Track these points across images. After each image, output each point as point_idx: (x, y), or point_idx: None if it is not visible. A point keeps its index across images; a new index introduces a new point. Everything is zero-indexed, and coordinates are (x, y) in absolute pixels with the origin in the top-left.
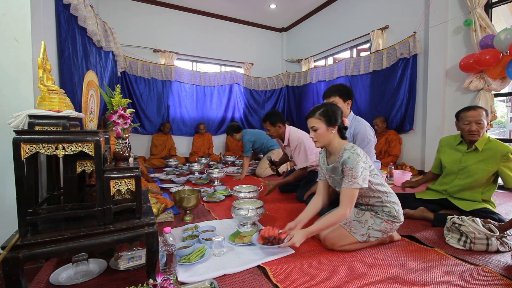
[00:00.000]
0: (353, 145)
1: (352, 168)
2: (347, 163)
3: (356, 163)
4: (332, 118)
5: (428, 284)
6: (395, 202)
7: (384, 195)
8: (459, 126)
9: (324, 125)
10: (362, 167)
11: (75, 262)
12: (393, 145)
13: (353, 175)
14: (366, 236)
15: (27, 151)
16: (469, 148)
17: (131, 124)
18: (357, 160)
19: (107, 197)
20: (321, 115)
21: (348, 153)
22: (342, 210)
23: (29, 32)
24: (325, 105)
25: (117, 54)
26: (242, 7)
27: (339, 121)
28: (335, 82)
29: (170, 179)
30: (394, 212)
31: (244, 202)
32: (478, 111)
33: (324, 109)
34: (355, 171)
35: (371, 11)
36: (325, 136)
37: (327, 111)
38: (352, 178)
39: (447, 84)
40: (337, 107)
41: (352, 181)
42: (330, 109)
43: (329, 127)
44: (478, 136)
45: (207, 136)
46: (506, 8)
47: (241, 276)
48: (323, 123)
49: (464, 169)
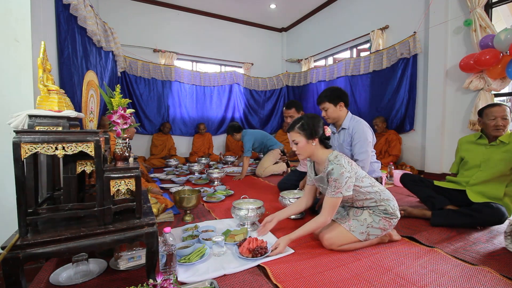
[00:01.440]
0: (336, 154)
1: (336, 179)
2: (332, 174)
3: (341, 174)
4: (312, 130)
5: (428, 284)
6: (389, 199)
7: (377, 195)
8: (482, 123)
9: (304, 139)
10: (346, 177)
11: (75, 262)
12: (393, 145)
13: (337, 185)
14: (365, 234)
15: (27, 151)
16: (491, 142)
17: (131, 124)
18: (341, 171)
19: (107, 197)
20: (300, 129)
21: (333, 164)
22: (323, 218)
23: (29, 32)
24: (303, 118)
25: (117, 54)
26: (242, 7)
27: (320, 132)
28: (335, 82)
29: (170, 179)
30: (390, 209)
31: (244, 202)
32: (503, 107)
33: (302, 123)
34: (339, 182)
35: (371, 11)
36: (307, 149)
37: (304, 125)
38: (335, 188)
39: (447, 84)
40: (316, 119)
41: (335, 191)
42: (308, 122)
43: (309, 140)
44: (503, 131)
45: (207, 136)
46: (506, 8)
47: (241, 276)
48: (303, 136)
49: (487, 161)
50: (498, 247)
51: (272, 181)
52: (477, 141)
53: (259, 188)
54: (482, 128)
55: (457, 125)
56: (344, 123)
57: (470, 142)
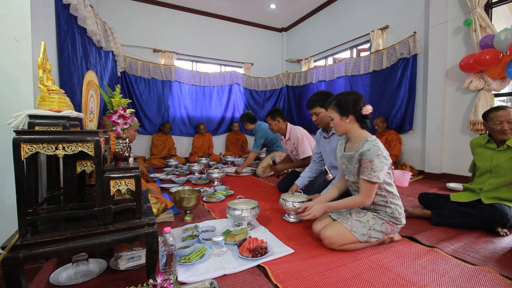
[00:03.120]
0: (375, 138)
1: (371, 160)
2: (366, 155)
3: (377, 156)
4: (344, 107)
5: (428, 284)
6: (398, 204)
7: (390, 195)
8: (488, 127)
9: (337, 115)
10: (382, 161)
11: (75, 262)
12: (393, 145)
13: (373, 168)
14: (366, 236)
15: (27, 151)
16: (499, 147)
17: (131, 124)
18: (378, 153)
19: (107, 197)
20: (335, 105)
21: (370, 144)
22: (362, 199)
23: (29, 32)
24: (340, 95)
25: (117, 54)
26: (242, 7)
27: (355, 110)
28: (335, 82)
29: (170, 179)
30: (396, 213)
31: (239, 203)
32: (507, 111)
33: (338, 99)
34: (375, 165)
35: (371, 11)
36: (341, 126)
37: (339, 101)
38: (371, 171)
39: (447, 84)
40: (352, 96)
41: (372, 174)
42: (343, 99)
43: (342, 117)
44: (510, 134)
45: (207, 136)
46: (506, 8)
47: (241, 276)
48: (337, 113)
49: (497, 167)
50: (498, 247)
51: (272, 181)
52: (486, 144)
53: (259, 188)
54: (489, 132)
55: (457, 125)
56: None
57: (480, 146)
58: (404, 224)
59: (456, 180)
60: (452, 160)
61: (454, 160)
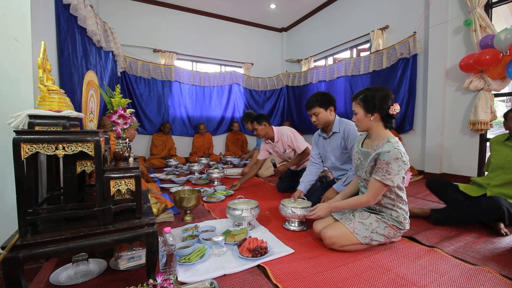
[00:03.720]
0: (398, 140)
1: (389, 163)
2: (385, 156)
3: (395, 159)
4: (370, 104)
5: (428, 284)
6: (405, 210)
7: (399, 200)
8: (507, 126)
9: (362, 111)
10: (400, 166)
11: (75, 262)
12: None
13: (388, 170)
14: (368, 238)
15: (27, 151)
16: None
17: (131, 124)
18: (397, 156)
19: (107, 197)
20: (361, 100)
21: (390, 146)
22: (367, 198)
23: (29, 32)
24: (369, 90)
25: (117, 54)
26: (242, 7)
27: (383, 108)
28: (335, 82)
29: (170, 179)
30: (401, 218)
31: (239, 202)
32: None
33: (366, 94)
34: (391, 168)
35: (371, 11)
36: (363, 122)
37: (366, 96)
38: (386, 173)
39: (447, 84)
40: (381, 92)
41: (386, 177)
42: (371, 94)
43: (367, 114)
44: None
45: (207, 136)
46: (506, 8)
47: (241, 276)
48: (362, 108)
49: (509, 162)
50: (498, 247)
51: (273, 181)
52: (504, 142)
53: (259, 188)
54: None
55: (457, 125)
56: (334, 127)
57: (499, 143)
58: (407, 230)
59: (456, 180)
60: (452, 160)
61: (454, 160)
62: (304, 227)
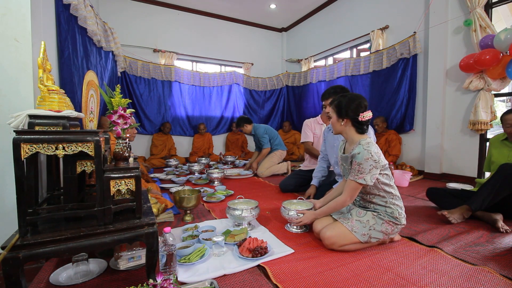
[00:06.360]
0: (369, 141)
1: (360, 163)
2: (357, 158)
3: (365, 159)
4: (343, 111)
5: (428, 284)
6: (399, 205)
7: (389, 196)
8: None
9: (335, 115)
10: (371, 165)
11: (75, 262)
12: (393, 145)
13: (360, 170)
14: (367, 236)
15: (27, 151)
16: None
17: (131, 124)
18: (367, 157)
19: (107, 197)
20: (334, 106)
21: (360, 148)
22: (344, 198)
23: (29, 32)
24: (343, 96)
25: (117, 54)
26: (242, 7)
27: (351, 115)
28: (335, 82)
29: (170, 179)
30: (396, 214)
31: (239, 203)
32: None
33: (339, 101)
34: (362, 167)
35: (371, 11)
36: (336, 126)
37: (339, 103)
38: (358, 173)
39: (447, 84)
40: (353, 100)
41: (359, 176)
42: (342, 101)
43: (339, 119)
44: None
45: (207, 136)
46: (506, 8)
47: (241, 276)
48: (335, 113)
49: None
50: (498, 247)
51: (273, 181)
52: (503, 141)
53: (259, 188)
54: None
55: (457, 125)
56: None
57: (499, 141)
58: (405, 225)
59: (456, 180)
60: (452, 160)
61: (454, 160)
62: (306, 229)
